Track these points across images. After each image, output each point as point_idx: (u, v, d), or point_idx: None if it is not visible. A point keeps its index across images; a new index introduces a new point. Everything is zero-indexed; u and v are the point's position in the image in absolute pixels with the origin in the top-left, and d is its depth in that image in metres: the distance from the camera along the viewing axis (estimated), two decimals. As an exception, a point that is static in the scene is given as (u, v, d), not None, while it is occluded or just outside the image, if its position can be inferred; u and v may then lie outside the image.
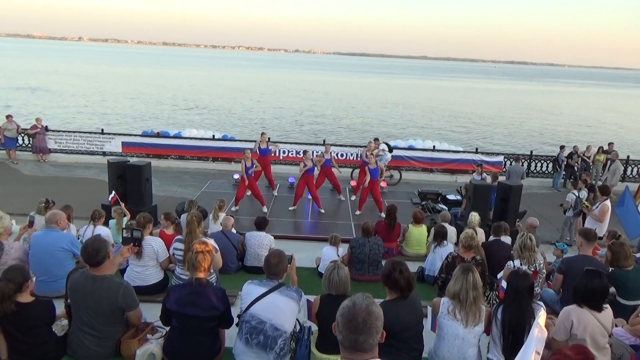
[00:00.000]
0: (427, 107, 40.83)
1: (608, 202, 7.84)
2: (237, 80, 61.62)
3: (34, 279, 3.47)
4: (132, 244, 3.90)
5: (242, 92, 46.66)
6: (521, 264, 4.83)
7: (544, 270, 5.02)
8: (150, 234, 5.42)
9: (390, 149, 13.01)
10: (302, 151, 13.47)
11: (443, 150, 14.81)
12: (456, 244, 6.86)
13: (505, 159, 14.65)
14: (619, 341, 3.66)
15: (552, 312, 4.63)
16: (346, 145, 15.16)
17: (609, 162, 13.82)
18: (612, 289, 4.25)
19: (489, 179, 10.54)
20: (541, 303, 3.47)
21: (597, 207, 7.97)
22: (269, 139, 11.04)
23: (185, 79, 59.57)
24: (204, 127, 20.63)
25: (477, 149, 15.46)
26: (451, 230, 7.31)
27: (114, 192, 7.79)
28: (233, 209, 9.74)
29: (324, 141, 14.90)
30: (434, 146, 15.04)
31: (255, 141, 11.72)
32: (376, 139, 12.34)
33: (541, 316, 2.64)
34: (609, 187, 8.27)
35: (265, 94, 45.98)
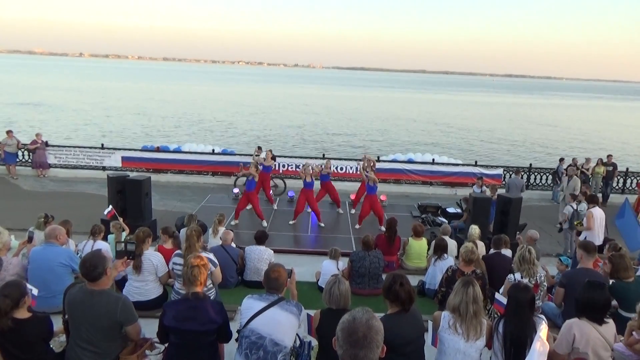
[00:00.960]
0: (426, 121, 41.14)
1: (594, 209, 7.85)
2: (237, 95, 62.16)
3: (34, 292, 3.45)
4: (126, 257, 3.88)
5: (242, 106, 47.05)
6: (522, 277, 4.81)
7: (545, 283, 5.00)
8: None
9: (273, 157, 13.20)
10: (302, 165, 13.63)
11: (442, 164, 14.87)
12: (457, 257, 6.84)
13: (505, 172, 14.70)
14: (621, 355, 3.63)
15: (554, 325, 4.60)
16: (346, 159, 15.22)
17: (608, 173, 13.86)
18: (614, 302, 4.23)
19: (489, 192, 10.56)
20: (542, 316, 3.45)
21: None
22: (273, 156, 11.14)
23: (186, 93, 60.10)
24: (204, 142, 20.78)
25: (476, 162, 15.52)
26: (451, 244, 7.30)
27: (111, 206, 7.80)
28: (233, 223, 9.74)
29: (324, 155, 14.96)
30: (433, 159, 15.11)
31: (257, 155, 11.76)
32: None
33: (543, 330, 2.63)
34: (596, 196, 8.35)
35: (265, 108, 46.40)
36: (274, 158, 11.11)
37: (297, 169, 14.21)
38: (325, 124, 35.79)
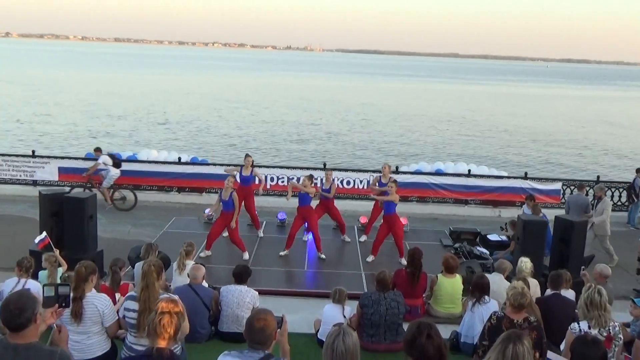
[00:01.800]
0: (461, 120, 41.46)
1: None
2: (212, 86, 62.73)
3: None
4: (57, 305, 3.69)
5: (219, 101, 47.41)
6: (589, 327, 4.79)
7: (621, 336, 4.98)
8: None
9: (117, 163, 13.38)
10: (288, 179, 13.79)
11: (481, 176, 14.91)
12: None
13: (565, 187, 14.72)
14: None
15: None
16: (356, 170, 15.27)
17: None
18: None
19: (543, 213, 10.56)
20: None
21: None
22: (252, 162, 11.14)
23: (144, 85, 60.72)
24: (167, 148, 20.88)
25: (526, 174, 15.57)
26: (496, 282, 7.27)
27: (44, 233, 7.80)
28: (203, 254, 9.75)
29: (325, 165, 15.01)
30: (469, 170, 15.14)
31: (237, 165, 11.80)
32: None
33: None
34: None
35: (249, 103, 46.77)
36: (252, 166, 11.15)
37: (289, 182, 14.28)
38: (328, 124, 36.04)
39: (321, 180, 11.26)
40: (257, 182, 11.56)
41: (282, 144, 27.95)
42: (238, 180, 10.78)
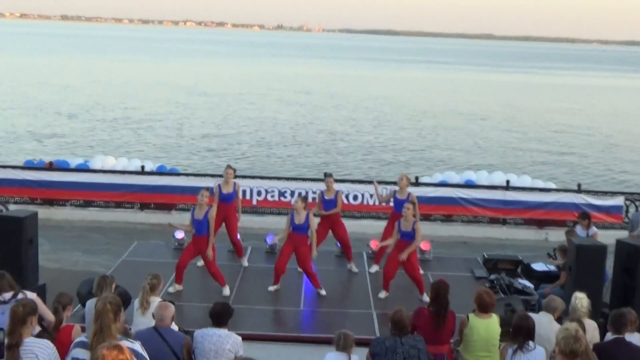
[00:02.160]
0: (497, 119, 41.69)
1: None
2: (185, 77, 62.96)
3: None
4: None
5: (193, 95, 47.67)
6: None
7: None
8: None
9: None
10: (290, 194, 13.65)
11: (523, 189, 14.96)
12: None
13: (628, 202, 14.74)
14: None
15: None
16: (365, 182, 15.31)
17: None
18: None
19: (599, 235, 10.56)
20: None
21: None
22: (235, 175, 11.16)
23: (100, 73, 60.89)
24: (128, 154, 20.98)
25: (580, 186, 15.60)
26: (543, 324, 7.26)
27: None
28: (172, 289, 9.75)
29: (325, 174, 15.00)
30: (507, 181, 15.18)
31: (214, 176, 11.83)
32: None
33: None
34: None
35: (231, 97, 47.01)
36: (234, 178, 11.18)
37: (283, 199, 14.26)
38: (330, 124, 36.20)
39: (321, 192, 11.22)
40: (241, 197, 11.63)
41: (272, 149, 28.05)
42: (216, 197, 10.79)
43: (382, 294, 10.03)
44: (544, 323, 7.22)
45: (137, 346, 4.99)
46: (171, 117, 36.15)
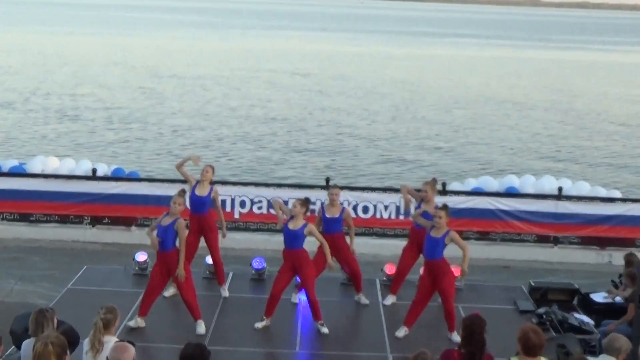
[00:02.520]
0: (547, 108, 41.64)
1: None
2: (148, 54, 63.11)
3: None
4: None
5: (159, 77, 47.75)
6: None
7: None
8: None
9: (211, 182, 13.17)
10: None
11: (580, 198, 14.91)
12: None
13: None
14: None
15: None
16: (376, 189, 15.31)
17: None
18: None
19: None
20: None
21: None
22: (213, 173, 11.08)
23: (36, 50, 60.91)
24: (75, 154, 20.92)
25: (653, 195, 15.55)
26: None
27: None
28: (134, 324, 9.71)
29: (328, 180, 14.95)
30: (560, 189, 15.10)
31: (187, 181, 11.68)
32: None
33: None
34: None
35: (208, 81, 46.97)
36: (211, 183, 11.05)
37: (274, 212, 14.21)
38: (336, 115, 36.22)
39: (322, 205, 11.18)
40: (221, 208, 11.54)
41: (261, 148, 28.07)
42: (187, 203, 10.68)
43: (401, 332, 9.94)
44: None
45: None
46: (132, 106, 36.12)
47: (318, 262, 10.36)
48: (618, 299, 10.92)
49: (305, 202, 10.11)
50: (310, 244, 10.21)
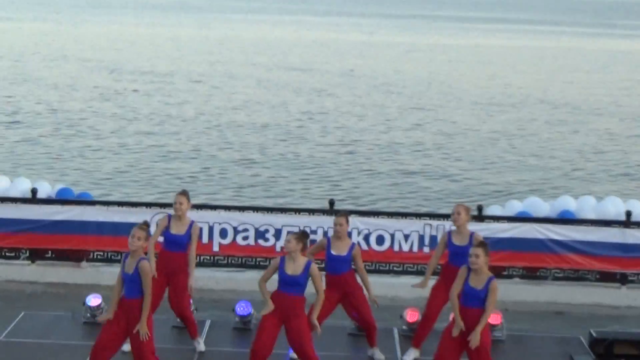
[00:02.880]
0: (612, 115, 41.40)
1: None
2: (108, 44, 63.32)
3: None
4: None
5: (120, 74, 48.03)
6: None
7: None
8: None
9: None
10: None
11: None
12: None
13: None
14: None
15: None
16: (393, 214, 15.30)
17: None
18: None
19: None
20: None
21: None
22: (188, 204, 11.06)
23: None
24: (11, 171, 20.93)
25: None
26: None
27: None
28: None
29: (332, 203, 14.94)
30: (628, 214, 15.01)
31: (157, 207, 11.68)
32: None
33: None
34: None
35: (182, 77, 47.29)
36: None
37: (262, 243, 14.18)
38: (340, 118, 36.43)
39: (327, 240, 11.06)
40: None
41: (249, 163, 28.16)
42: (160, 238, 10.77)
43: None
44: None
45: None
46: (80, 110, 36.24)
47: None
48: None
49: (302, 236, 9.96)
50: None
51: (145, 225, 9.64)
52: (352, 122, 35.98)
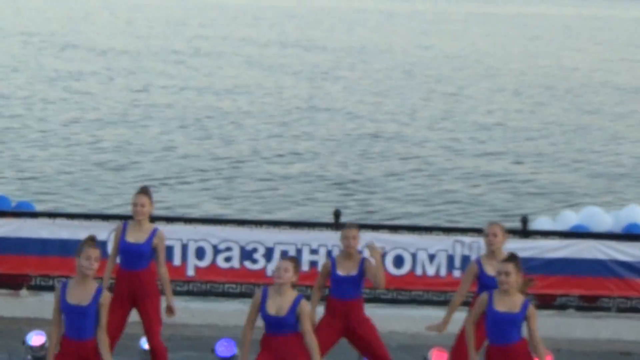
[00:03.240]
0: None
1: None
2: (63, 16, 63.41)
3: None
4: None
5: (75, 52, 48.40)
6: None
7: None
8: None
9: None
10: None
11: None
12: None
13: None
14: None
15: None
16: (414, 229, 15.32)
17: None
18: None
19: None
20: None
21: None
22: (151, 206, 11.07)
23: None
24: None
25: None
26: None
27: None
28: None
29: (338, 215, 14.96)
30: None
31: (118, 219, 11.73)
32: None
33: None
34: None
35: (149, 57, 47.61)
36: (151, 220, 11.06)
37: (250, 265, 14.21)
38: (350, 107, 36.57)
39: (331, 259, 11.09)
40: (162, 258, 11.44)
41: (233, 163, 28.39)
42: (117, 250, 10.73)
43: None
44: None
45: None
46: (22, 97, 36.64)
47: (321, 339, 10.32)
48: None
49: (293, 262, 9.79)
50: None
51: (93, 241, 9.20)
52: (365, 112, 36.16)
